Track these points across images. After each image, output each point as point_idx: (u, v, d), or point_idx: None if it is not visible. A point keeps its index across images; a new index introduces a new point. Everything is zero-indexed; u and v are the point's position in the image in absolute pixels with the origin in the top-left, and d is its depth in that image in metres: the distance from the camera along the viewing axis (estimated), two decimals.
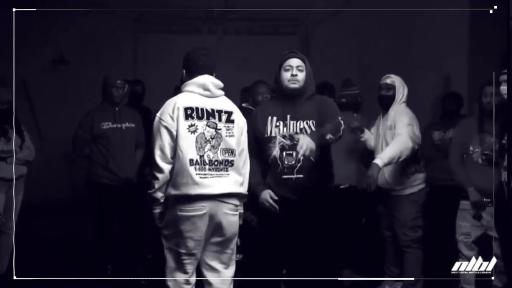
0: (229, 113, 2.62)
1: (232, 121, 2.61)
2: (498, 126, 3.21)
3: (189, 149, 2.51)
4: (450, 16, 5.68)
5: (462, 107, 4.56)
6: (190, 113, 2.53)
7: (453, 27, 5.61)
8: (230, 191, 2.55)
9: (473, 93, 5.27)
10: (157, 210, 2.64)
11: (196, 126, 2.53)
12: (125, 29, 8.14)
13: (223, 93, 2.69)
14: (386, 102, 3.61)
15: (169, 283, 2.65)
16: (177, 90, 4.78)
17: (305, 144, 2.58)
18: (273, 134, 2.83)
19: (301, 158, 2.72)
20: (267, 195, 2.84)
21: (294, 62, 2.86)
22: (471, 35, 5.38)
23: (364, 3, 7.32)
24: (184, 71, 2.72)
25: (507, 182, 2.96)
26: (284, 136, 2.81)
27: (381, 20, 7.26)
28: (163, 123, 2.53)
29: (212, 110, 2.58)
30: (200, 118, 2.54)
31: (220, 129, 2.56)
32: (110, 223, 3.90)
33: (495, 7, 3.22)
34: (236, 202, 2.60)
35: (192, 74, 2.65)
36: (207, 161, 2.51)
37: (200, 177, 2.49)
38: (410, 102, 3.74)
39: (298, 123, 2.81)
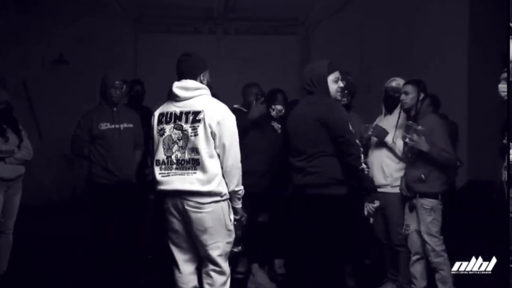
0: (197, 113, 2.68)
1: (199, 121, 2.66)
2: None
3: (157, 151, 2.74)
4: (450, 15, 5.68)
5: (440, 107, 4.56)
6: (161, 118, 2.77)
7: (453, 27, 5.61)
8: (186, 189, 2.64)
9: (473, 92, 5.29)
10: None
11: (164, 129, 2.73)
12: (125, 29, 8.15)
13: (200, 93, 2.74)
14: (391, 104, 3.73)
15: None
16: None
17: None
18: None
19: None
20: None
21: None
22: (471, 35, 5.39)
23: (364, 3, 7.33)
24: None
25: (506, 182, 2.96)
26: None
27: (381, 20, 7.26)
28: (151, 130, 2.81)
29: (181, 112, 2.71)
30: (168, 122, 2.73)
31: (185, 130, 2.68)
32: (110, 223, 3.89)
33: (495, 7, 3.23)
34: (200, 199, 2.64)
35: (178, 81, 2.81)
36: (174, 161, 2.69)
37: (162, 176, 2.71)
38: None
39: None
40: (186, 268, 2.78)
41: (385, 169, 3.63)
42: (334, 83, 3.12)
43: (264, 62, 7.43)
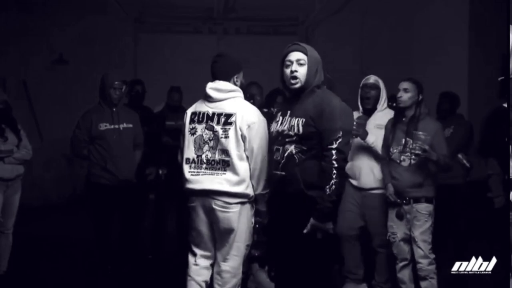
0: (229, 116, 2.72)
1: (230, 123, 2.70)
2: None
3: (188, 149, 2.79)
4: (450, 15, 5.68)
5: (459, 106, 4.54)
6: (193, 117, 2.81)
7: (453, 26, 5.61)
8: (215, 189, 2.70)
9: (473, 92, 5.29)
10: None
11: (196, 129, 2.78)
12: (125, 29, 8.15)
13: (233, 95, 2.78)
14: (370, 101, 3.54)
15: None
16: (172, 90, 4.83)
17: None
18: (272, 129, 2.74)
19: (286, 156, 2.63)
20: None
21: (295, 56, 2.67)
22: (471, 35, 5.39)
23: (364, 3, 7.33)
24: None
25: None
26: (278, 132, 2.69)
27: (381, 20, 7.26)
28: (183, 127, 2.87)
29: (213, 113, 2.76)
30: (200, 121, 2.78)
31: (216, 131, 2.72)
32: (110, 223, 3.89)
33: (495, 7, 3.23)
34: (228, 199, 2.70)
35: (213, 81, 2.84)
36: (204, 160, 2.74)
37: (192, 175, 2.76)
38: None
39: (292, 119, 2.65)
40: (202, 262, 2.85)
41: (375, 170, 3.51)
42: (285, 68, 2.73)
43: (264, 62, 7.42)
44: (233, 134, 2.69)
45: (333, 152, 2.53)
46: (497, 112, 3.31)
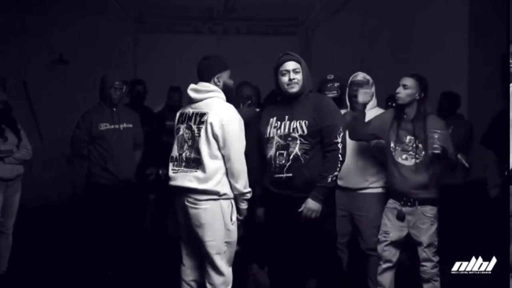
0: (202, 115, 2.79)
1: (203, 122, 2.77)
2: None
3: (173, 148, 2.91)
4: (450, 15, 5.69)
5: (459, 107, 4.53)
6: (179, 118, 2.94)
7: (453, 26, 5.62)
8: (186, 186, 2.79)
9: (473, 92, 5.30)
10: None
11: (179, 128, 2.89)
12: (125, 29, 8.15)
13: (210, 95, 2.83)
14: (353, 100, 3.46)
15: None
16: (172, 90, 4.82)
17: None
18: (271, 135, 2.92)
19: (291, 158, 2.84)
20: (260, 212, 3.13)
21: (290, 65, 2.91)
22: (471, 34, 5.39)
23: (364, 3, 7.33)
24: None
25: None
26: (280, 136, 2.88)
27: (381, 20, 7.26)
28: None
29: (192, 113, 2.86)
30: (182, 121, 2.89)
31: (193, 131, 2.81)
32: (110, 223, 3.89)
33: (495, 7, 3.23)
34: (197, 196, 2.77)
35: None
36: (184, 159, 2.84)
37: (173, 172, 2.88)
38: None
39: (293, 123, 2.88)
40: (187, 262, 2.93)
41: (364, 170, 3.41)
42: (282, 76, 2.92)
43: (264, 62, 7.42)
44: (203, 133, 2.76)
45: (339, 146, 2.84)
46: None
